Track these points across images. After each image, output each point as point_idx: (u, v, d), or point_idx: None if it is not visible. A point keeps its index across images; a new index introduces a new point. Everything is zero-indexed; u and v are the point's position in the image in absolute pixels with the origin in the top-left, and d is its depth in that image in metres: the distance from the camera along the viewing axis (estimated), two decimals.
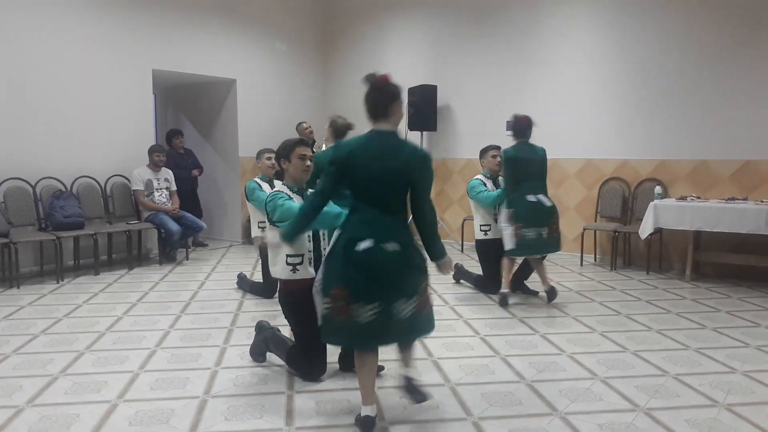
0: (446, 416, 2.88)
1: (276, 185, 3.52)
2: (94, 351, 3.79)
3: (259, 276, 5.69)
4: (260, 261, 5.41)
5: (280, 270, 3.32)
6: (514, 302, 4.95)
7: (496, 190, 5.17)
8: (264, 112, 8.39)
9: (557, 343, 3.96)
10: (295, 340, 3.41)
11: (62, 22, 6.26)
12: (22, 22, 5.95)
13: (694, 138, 6.26)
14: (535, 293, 5.21)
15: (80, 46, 6.42)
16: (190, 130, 8.63)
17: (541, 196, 4.82)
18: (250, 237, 5.48)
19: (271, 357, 3.59)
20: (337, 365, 3.45)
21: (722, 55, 6.05)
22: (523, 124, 4.84)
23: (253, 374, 3.41)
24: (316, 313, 2.86)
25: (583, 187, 7.06)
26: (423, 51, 8.31)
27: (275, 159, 3.87)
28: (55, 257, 5.76)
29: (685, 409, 2.94)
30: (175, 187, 6.98)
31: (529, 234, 4.74)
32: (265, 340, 3.52)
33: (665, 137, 6.45)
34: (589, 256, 6.84)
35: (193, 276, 6.08)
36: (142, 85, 7.03)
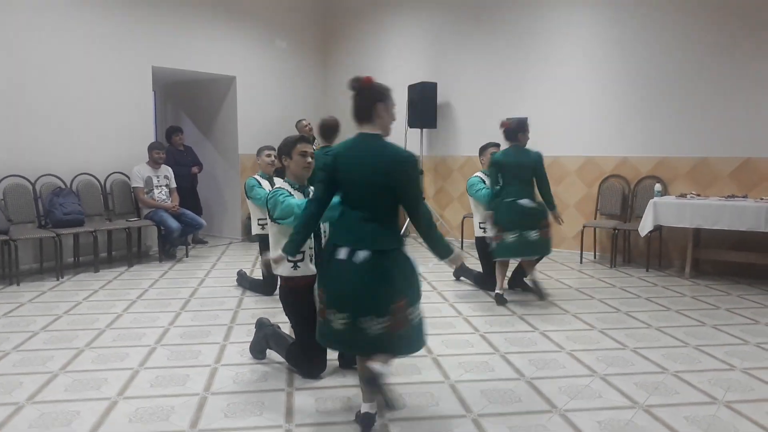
0: (446, 413, 2.88)
1: (276, 182, 3.52)
2: (94, 348, 3.79)
3: (259, 273, 5.70)
4: (260, 258, 5.41)
5: (281, 267, 3.32)
6: (512, 299, 4.95)
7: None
8: (264, 110, 8.38)
9: (557, 340, 3.96)
10: (296, 337, 3.41)
11: (62, 20, 6.25)
12: (23, 20, 5.93)
13: (694, 135, 6.25)
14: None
15: (80, 43, 6.42)
16: (190, 127, 8.62)
17: (524, 200, 4.73)
18: (250, 234, 5.48)
19: (271, 354, 3.59)
20: (336, 362, 3.45)
21: (723, 52, 6.04)
22: (511, 128, 4.84)
23: (252, 371, 3.41)
24: (316, 311, 2.86)
25: (583, 184, 7.06)
26: (423, 48, 8.30)
27: (277, 156, 3.87)
28: (55, 254, 5.76)
29: (684, 406, 2.95)
30: (174, 185, 6.97)
31: (508, 237, 4.74)
32: (266, 337, 3.52)
33: (665, 134, 6.44)
34: (588, 254, 6.84)
35: (193, 273, 6.08)
36: (141, 82, 7.02)
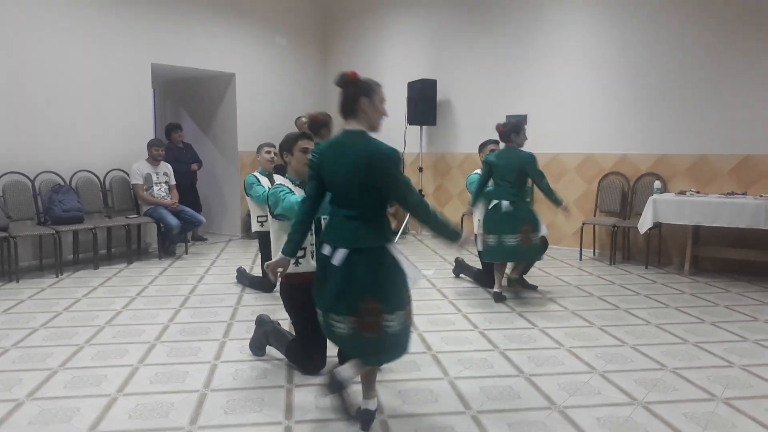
0: (445, 410, 2.89)
1: (277, 179, 3.52)
2: (94, 345, 3.79)
3: (259, 270, 5.70)
4: (260, 255, 5.41)
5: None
6: (511, 297, 4.96)
7: None
8: (263, 107, 8.37)
9: (556, 337, 3.97)
10: (296, 334, 3.41)
11: (61, 17, 6.24)
12: (22, 17, 5.92)
13: (694, 133, 6.25)
14: (535, 287, 5.22)
15: (80, 41, 6.40)
16: (189, 124, 8.61)
17: (504, 202, 4.70)
18: (250, 231, 5.47)
19: (271, 351, 3.60)
20: (336, 359, 3.45)
21: (722, 50, 6.03)
22: (504, 131, 4.87)
23: (252, 368, 3.41)
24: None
25: (582, 181, 7.06)
26: (423, 46, 8.29)
27: (278, 152, 3.87)
28: (55, 251, 5.76)
29: (683, 403, 2.95)
30: (174, 182, 6.97)
31: (489, 240, 4.76)
32: (265, 334, 3.52)
33: (665, 132, 6.44)
34: (588, 251, 6.84)
35: (193, 270, 6.08)
36: (141, 79, 7.01)
